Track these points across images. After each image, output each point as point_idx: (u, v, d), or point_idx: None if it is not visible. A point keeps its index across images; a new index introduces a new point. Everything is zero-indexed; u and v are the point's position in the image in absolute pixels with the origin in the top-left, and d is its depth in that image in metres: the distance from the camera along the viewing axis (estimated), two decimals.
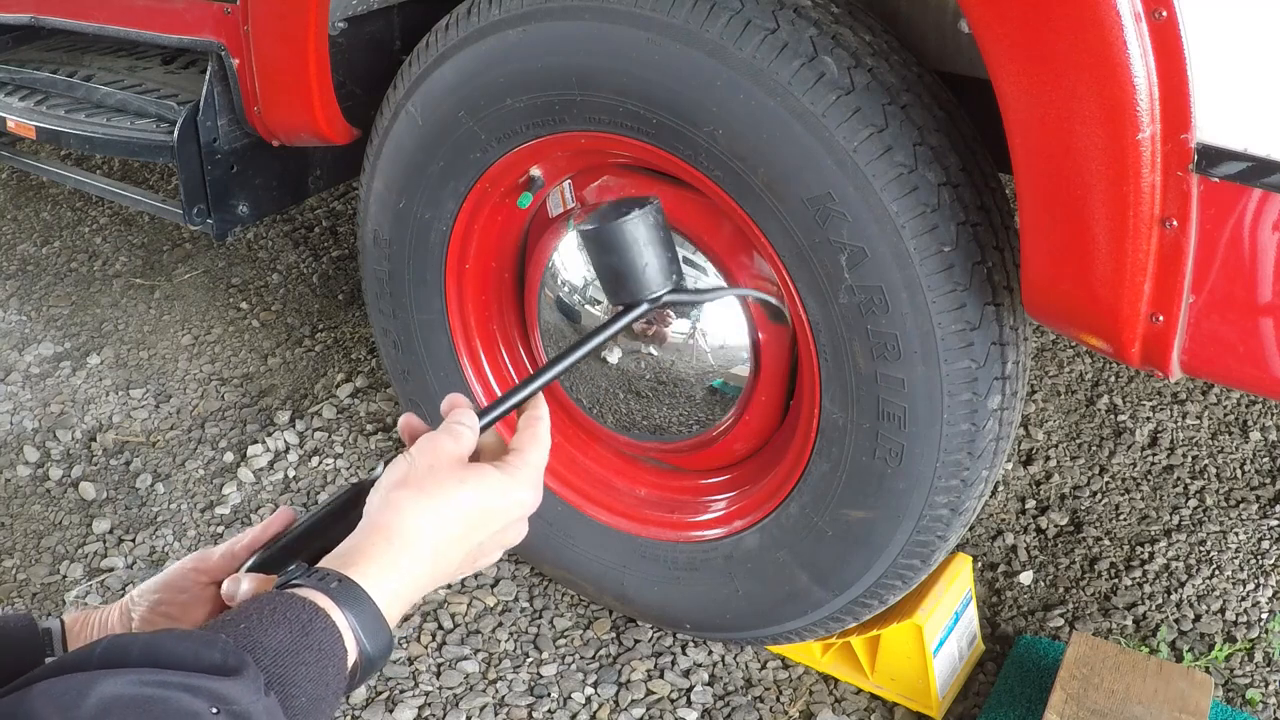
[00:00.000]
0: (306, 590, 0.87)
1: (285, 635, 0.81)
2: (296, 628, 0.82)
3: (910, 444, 1.55)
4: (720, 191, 1.56)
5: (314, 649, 0.81)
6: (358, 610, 0.87)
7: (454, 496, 0.98)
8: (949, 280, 1.45)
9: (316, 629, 0.83)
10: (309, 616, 0.83)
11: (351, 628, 0.86)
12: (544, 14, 1.60)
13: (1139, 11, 1.15)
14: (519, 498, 1.04)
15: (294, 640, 0.81)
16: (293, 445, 2.56)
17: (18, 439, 2.62)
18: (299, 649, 0.81)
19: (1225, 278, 1.21)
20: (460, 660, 2.02)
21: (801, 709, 1.92)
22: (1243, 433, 2.56)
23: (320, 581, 0.88)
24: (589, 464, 2.03)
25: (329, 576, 0.88)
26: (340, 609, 0.86)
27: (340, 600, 0.87)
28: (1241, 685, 1.96)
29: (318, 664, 0.81)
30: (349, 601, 0.87)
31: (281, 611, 0.83)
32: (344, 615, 0.86)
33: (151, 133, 2.21)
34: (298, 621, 0.82)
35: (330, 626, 0.84)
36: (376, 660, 0.88)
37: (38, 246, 3.47)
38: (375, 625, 0.88)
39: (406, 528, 0.95)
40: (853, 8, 1.52)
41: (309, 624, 0.83)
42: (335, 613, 0.86)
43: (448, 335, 2.00)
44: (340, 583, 0.88)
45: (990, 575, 2.19)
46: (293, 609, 0.83)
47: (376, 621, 0.88)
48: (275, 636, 0.80)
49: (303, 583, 0.88)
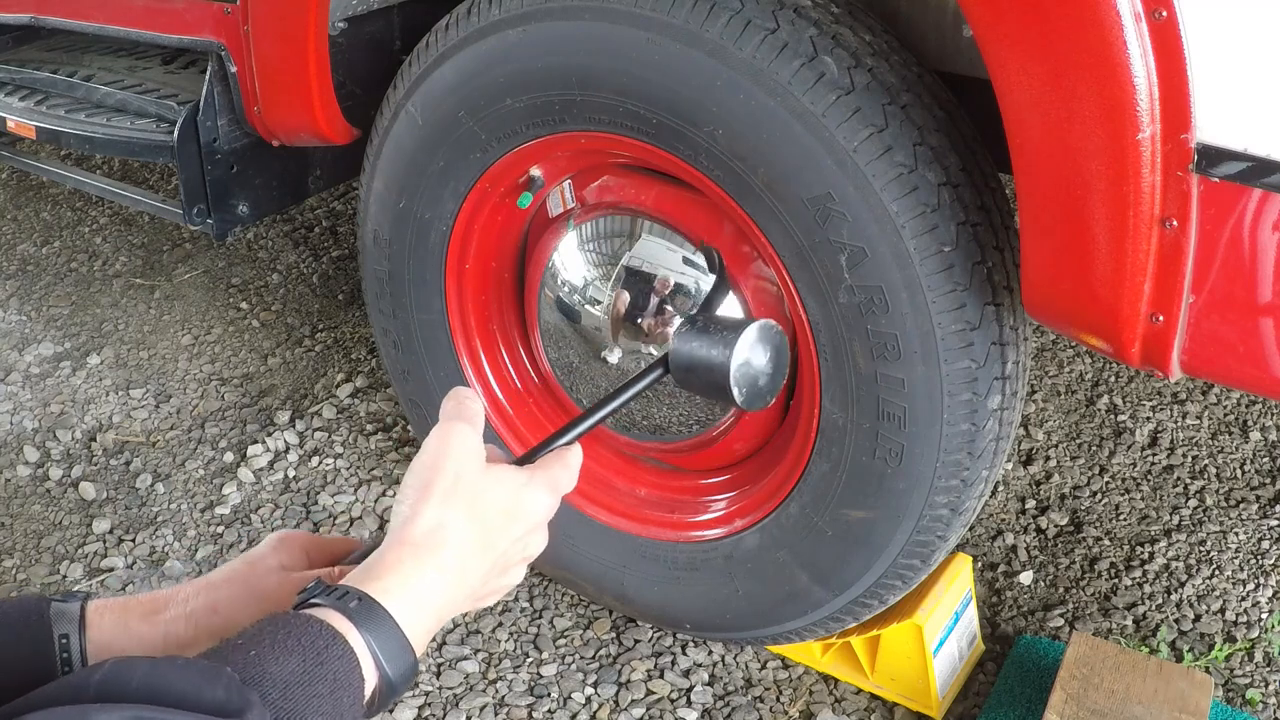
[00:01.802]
0: (325, 611, 0.82)
1: (297, 664, 0.76)
2: (310, 656, 0.77)
3: (910, 444, 1.55)
4: (720, 191, 1.56)
5: (328, 680, 0.77)
6: (378, 632, 0.83)
7: (476, 501, 0.94)
8: (949, 280, 1.45)
9: (332, 657, 0.79)
10: (324, 643, 0.79)
11: (371, 652, 0.82)
12: (544, 14, 1.60)
13: (1139, 11, 1.15)
14: (537, 499, 1.00)
15: (306, 670, 0.77)
16: (293, 445, 2.56)
17: (18, 439, 2.62)
18: (311, 680, 0.76)
19: (1225, 278, 1.21)
20: (460, 660, 2.02)
21: (801, 709, 1.92)
22: (1243, 433, 2.56)
23: (339, 601, 0.83)
24: (589, 464, 2.02)
25: (349, 595, 0.84)
26: (360, 631, 0.82)
27: (360, 621, 0.82)
28: (1241, 685, 1.96)
29: (331, 695, 0.77)
30: (369, 623, 0.83)
31: (296, 637, 0.78)
32: (363, 638, 0.82)
33: (151, 133, 2.21)
34: (312, 649, 0.78)
35: (347, 653, 0.80)
36: (399, 685, 0.84)
37: (38, 246, 3.47)
38: (397, 648, 0.84)
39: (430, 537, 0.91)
40: (853, 8, 1.52)
41: (324, 651, 0.78)
42: (354, 635, 0.81)
43: (448, 335, 2.00)
44: (360, 602, 0.84)
45: (990, 575, 2.19)
46: (308, 634, 0.79)
47: (398, 643, 0.84)
48: (286, 666, 0.76)
49: (322, 601, 0.84)
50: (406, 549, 0.90)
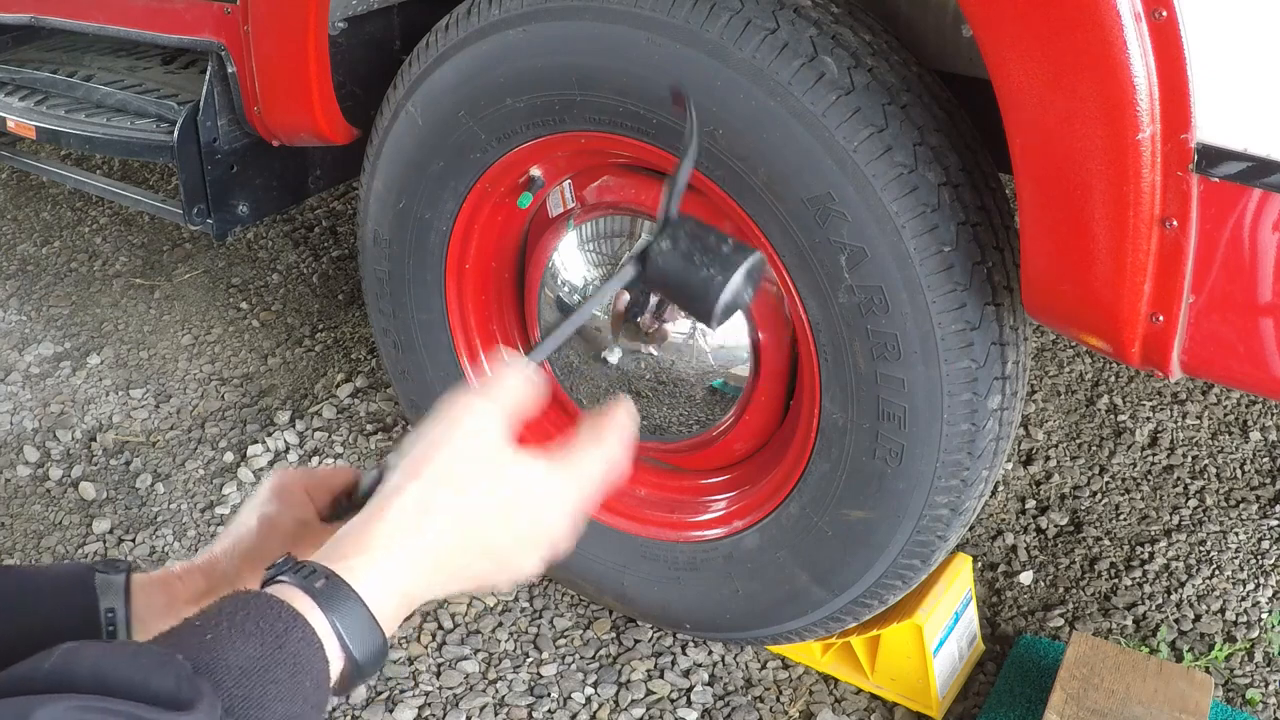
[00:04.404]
0: (289, 590, 0.80)
1: (255, 649, 0.74)
2: (269, 639, 0.75)
3: (910, 444, 1.55)
4: (720, 191, 1.56)
5: (286, 664, 0.75)
6: (343, 613, 0.80)
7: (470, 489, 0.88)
8: (949, 280, 1.45)
9: (292, 639, 0.76)
10: (285, 626, 0.76)
11: (336, 633, 0.80)
12: (544, 14, 1.60)
13: (1139, 11, 1.15)
14: (554, 492, 0.93)
15: (264, 655, 0.74)
16: (293, 445, 2.56)
17: (18, 439, 2.62)
18: (269, 665, 0.74)
19: (1225, 278, 1.22)
20: (460, 660, 2.02)
21: (801, 709, 1.92)
22: (1243, 433, 2.56)
23: (305, 580, 0.81)
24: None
25: (316, 574, 0.81)
26: (324, 612, 0.80)
27: (324, 602, 0.80)
28: (1241, 685, 1.96)
29: (291, 680, 0.75)
30: (334, 604, 0.80)
31: (254, 620, 0.76)
32: (327, 620, 0.80)
33: (151, 133, 2.21)
34: (271, 632, 0.76)
35: (309, 635, 0.78)
36: (367, 666, 0.82)
37: (38, 246, 3.47)
38: (364, 629, 0.81)
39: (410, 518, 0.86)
40: (853, 8, 1.52)
41: (283, 635, 0.76)
42: (317, 616, 0.79)
43: (448, 335, 2.00)
44: (327, 580, 0.81)
45: (990, 575, 2.19)
46: (267, 616, 0.77)
47: (365, 624, 0.81)
48: (244, 651, 0.74)
49: (288, 579, 0.81)
50: (382, 526, 0.86)
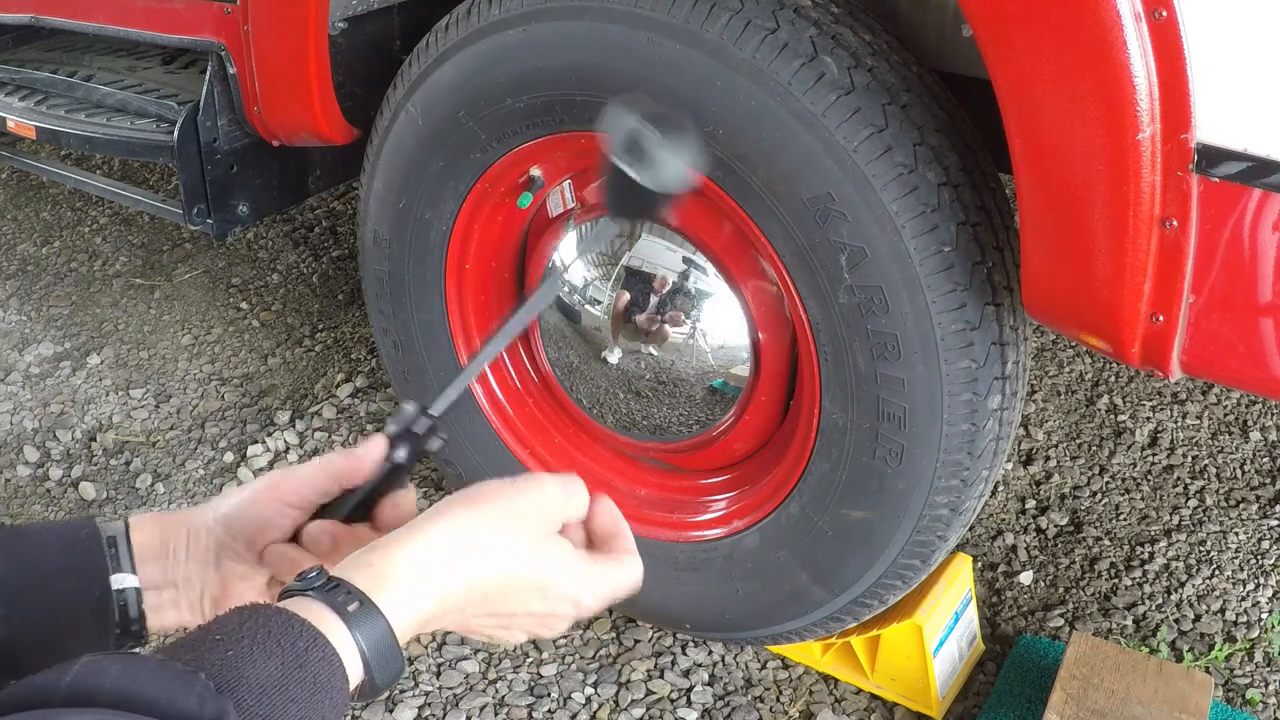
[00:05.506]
0: (317, 607, 0.80)
1: (275, 668, 0.74)
2: (290, 658, 0.75)
3: (910, 444, 1.55)
4: (720, 191, 1.56)
5: (307, 683, 0.75)
6: (371, 640, 0.80)
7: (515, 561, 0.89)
8: (949, 280, 1.45)
9: (312, 659, 0.76)
10: (305, 645, 0.76)
11: (361, 656, 0.80)
12: (544, 14, 1.60)
13: (1139, 11, 1.15)
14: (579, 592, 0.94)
15: (285, 674, 0.74)
16: (293, 445, 2.56)
17: (18, 439, 2.62)
18: (289, 683, 0.74)
19: (1225, 278, 1.22)
20: (460, 660, 2.02)
21: (801, 709, 1.92)
22: (1243, 433, 2.56)
23: (337, 599, 0.81)
24: (589, 464, 2.03)
25: (350, 596, 0.81)
26: (352, 633, 0.80)
27: (355, 626, 0.80)
28: (1241, 685, 1.96)
29: (310, 699, 0.75)
30: (364, 628, 0.80)
31: (276, 638, 0.76)
32: (355, 642, 0.79)
33: (151, 133, 2.21)
34: (292, 651, 0.75)
35: (329, 655, 0.77)
36: (382, 688, 0.82)
37: (38, 246, 3.47)
38: (389, 653, 0.81)
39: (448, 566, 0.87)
40: (853, 8, 1.52)
41: (304, 654, 0.76)
42: (344, 637, 0.79)
43: (448, 335, 2.00)
44: (361, 606, 0.81)
45: (990, 575, 2.19)
46: (289, 635, 0.76)
47: (390, 649, 0.81)
48: (264, 669, 0.74)
49: (316, 596, 0.81)
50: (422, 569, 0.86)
